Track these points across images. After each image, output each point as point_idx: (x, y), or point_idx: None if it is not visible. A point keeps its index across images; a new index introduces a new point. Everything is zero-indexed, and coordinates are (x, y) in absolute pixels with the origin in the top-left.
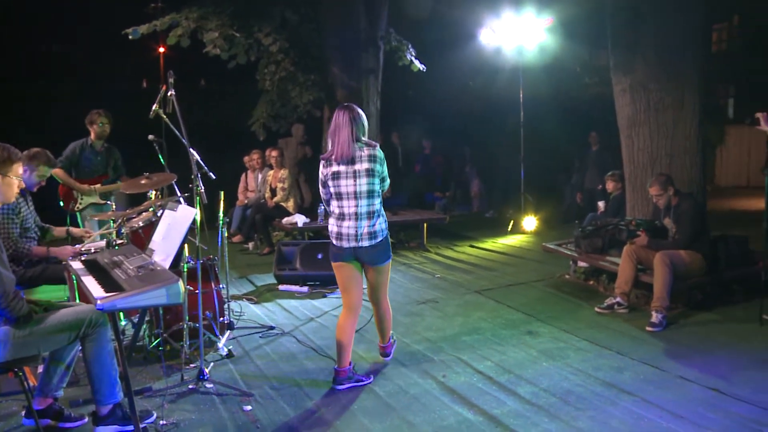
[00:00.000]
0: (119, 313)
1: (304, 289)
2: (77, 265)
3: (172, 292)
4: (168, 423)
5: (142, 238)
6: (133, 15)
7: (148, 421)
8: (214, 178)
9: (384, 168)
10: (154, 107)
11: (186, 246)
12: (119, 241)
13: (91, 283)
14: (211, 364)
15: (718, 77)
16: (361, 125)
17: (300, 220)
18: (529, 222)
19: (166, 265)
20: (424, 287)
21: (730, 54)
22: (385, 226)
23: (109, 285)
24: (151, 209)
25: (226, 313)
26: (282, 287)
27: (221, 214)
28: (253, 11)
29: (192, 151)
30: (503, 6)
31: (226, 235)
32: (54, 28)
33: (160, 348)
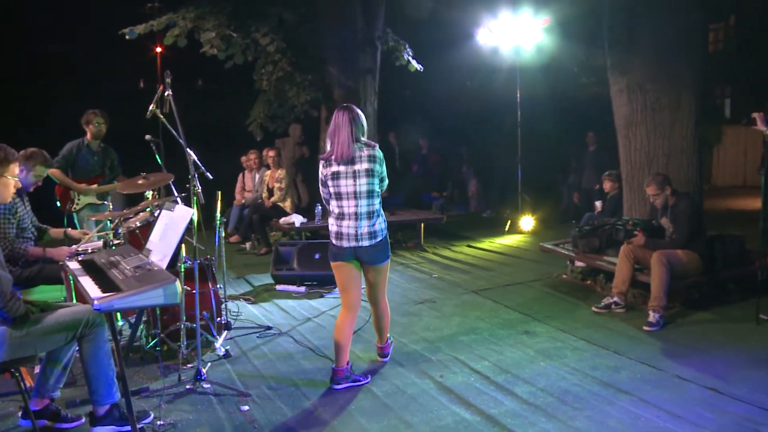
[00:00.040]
0: (116, 313)
1: (302, 289)
2: (74, 265)
3: (169, 292)
4: (165, 423)
5: (139, 239)
6: (132, 15)
7: (145, 421)
8: (211, 178)
9: (383, 168)
10: (151, 107)
11: (183, 246)
12: (116, 242)
13: (88, 283)
14: (209, 364)
15: (715, 77)
16: (360, 125)
17: (297, 220)
18: (527, 222)
19: (164, 265)
20: (422, 287)
21: (727, 54)
22: (385, 225)
23: (106, 285)
24: (148, 209)
25: (224, 313)
26: (279, 287)
27: (218, 214)
28: (251, 11)
29: (189, 151)
30: (500, 6)
31: (223, 235)
32: (54, 28)
33: (157, 348)
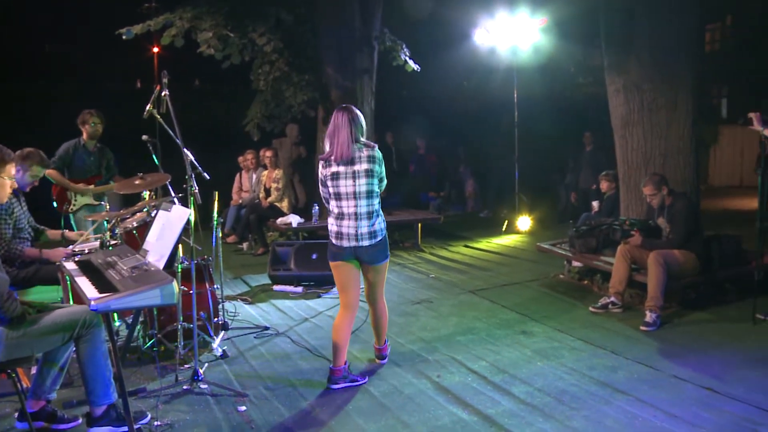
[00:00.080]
0: (113, 313)
1: (299, 289)
2: (71, 265)
3: (166, 292)
4: (162, 424)
5: (136, 239)
6: (129, 15)
7: (142, 422)
8: (209, 178)
9: (382, 168)
10: (148, 107)
11: (180, 246)
12: (113, 242)
13: (84, 283)
14: (206, 364)
15: (712, 77)
16: (359, 126)
17: (294, 220)
18: (524, 222)
19: (160, 265)
20: (419, 287)
21: (724, 54)
22: (384, 225)
23: (103, 286)
24: (145, 210)
25: (221, 313)
26: (276, 287)
27: (215, 215)
28: (248, 11)
29: (186, 151)
30: (497, 6)
31: (220, 235)
32: (51, 28)
33: (154, 349)
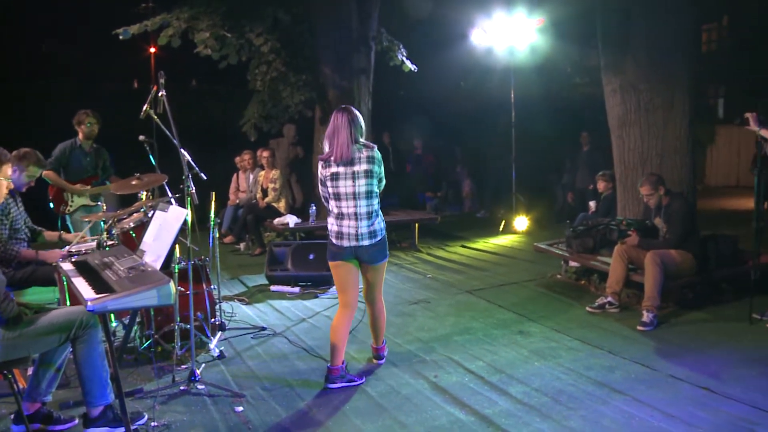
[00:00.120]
0: (110, 314)
1: (296, 289)
2: (67, 266)
3: (163, 293)
4: (159, 424)
5: (133, 239)
6: (126, 15)
7: (139, 422)
8: (206, 178)
9: (381, 169)
10: (145, 108)
11: (177, 247)
12: (110, 242)
13: (81, 284)
14: (203, 365)
15: (708, 77)
16: (359, 127)
17: (291, 220)
18: (521, 222)
19: (157, 266)
20: (416, 287)
21: (720, 54)
22: (384, 225)
23: (100, 286)
24: (142, 210)
25: (218, 314)
26: (273, 288)
27: (212, 215)
28: (245, 11)
29: (183, 151)
30: (494, 6)
31: (217, 235)
32: (47, 28)
33: (151, 349)
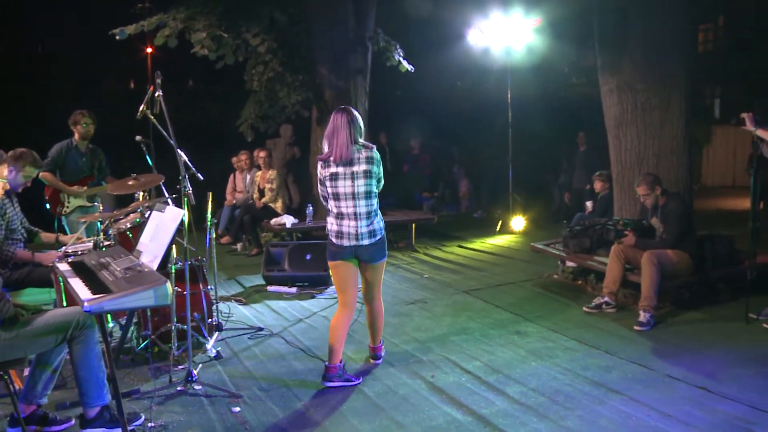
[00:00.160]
0: (107, 315)
1: (293, 290)
2: (64, 267)
3: (159, 293)
4: (156, 425)
5: (129, 240)
6: (123, 15)
7: (136, 423)
8: (202, 178)
9: (380, 169)
10: (141, 108)
11: (174, 247)
12: (106, 243)
13: (78, 284)
14: (200, 365)
15: (705, 77)
16: (358, 127)
17: (288, 220)
18: (518, 222)
19: (154, 266)
20: (413, 287)
21: (716, 54)
22: (383, 224)
23: (97, 287)
24: (138, 210)
25: (215, 314)
26: (270, 288)
27: (209, 215)
28: (241, 11)
29: (179, 152)
30: (491, 6)
31: (214, 236)
32: (46, 28)
33: (148, 350)
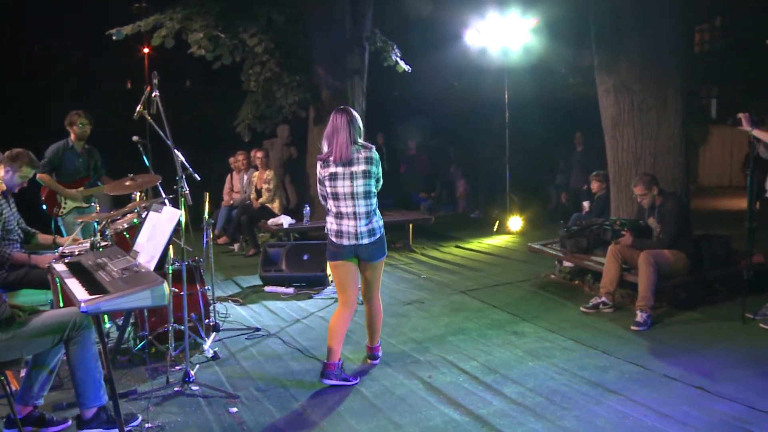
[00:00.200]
0: (104, 315)
1: (290, 290)
2: (61, 267)
3: (157, 294)
4: (153, 426)
5: (126, 240)
6: (122, 16)
7: (133, 424)
8: (199, 179)
9: (379, 169)
10: (138, 108)
11: (171, 247)
12: (103, 243)
13: (74, 285)
14: (197, 366)
15: (701, 78)
16: (357, 127)
17: (285, 221)
18: (515, 222)
19: (151, 266)
20: (410, 288)
21: (713, 55)
22: (382, 223)
23: (93, 287)
24: (135, 211)
25: (212, 314)
26: (268, 289)
27: (206, 216)
28: (238, 12)
29: (176, 152)
30: (488, 7)
31: (211, 236)
32: (43, 28)
33: (145, 350)
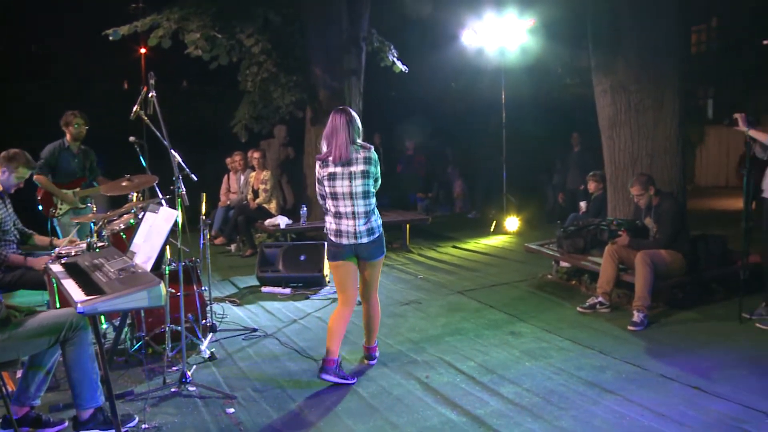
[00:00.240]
0: (100, 316)
1: (287, 290)
2: (57, 268)
3: (153, 294)
4: (150, 427)
5: (123, 241)
6: (119, 16)
7: (129, 425)
8: (196, 179)
9: (377, 169)
10: (135, 108)
11: (168, 248)
12: (100, 244)
13: (71, 286)
14: (194, 366)
15: (698, 78)
16: (356, 128)
17: (282, 221)
18: (512, 222)
19: (148, 267)
20: (407, 288)
21: (709, 55)
22: (380, 222)
23: (90, 288)
24: (132, 211)
25: (209, 315)
26: (264, 289)
27: (203, 216)
28: (235, 12)
29: (173, 152)
30: (485, 7)
31: (208, 237)
32: (39, 29)
33: (141, 351)
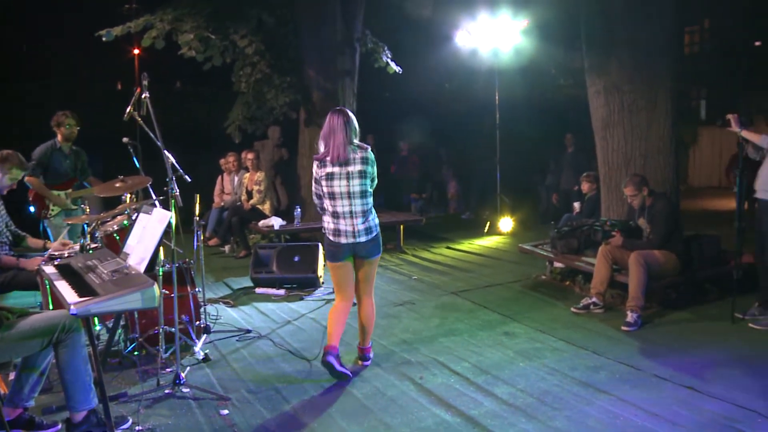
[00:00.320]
0: (93, 317)
1: (281, 291)
2: (50, 269)
3: (147, 296)
4: (144, 428)
5: (116, 242)
6: (112, 17)
7: (123, 426)
8: (190, 180)
9: (374, 169)
10: (128, 109)
11: (161, 249)
12: (93, 245)
13: (64, 287)
14: (188, 368)
15: (691, 79)
16: (353, 128)
17: (276, 222)
18: (506, 223)
19: (141, 269)
20: (401, 289)
21: (702, 56)
22: (378, 221)
23: (83, 290)
24: (125, 213)
25: (203, 316)
26: (258, 290)
27: (197, 217)
28: (229, 13)
29: (167, 153)
30: (479, 8)
31: (201, 238)
32: (33, 29)
33: (135, 353)
